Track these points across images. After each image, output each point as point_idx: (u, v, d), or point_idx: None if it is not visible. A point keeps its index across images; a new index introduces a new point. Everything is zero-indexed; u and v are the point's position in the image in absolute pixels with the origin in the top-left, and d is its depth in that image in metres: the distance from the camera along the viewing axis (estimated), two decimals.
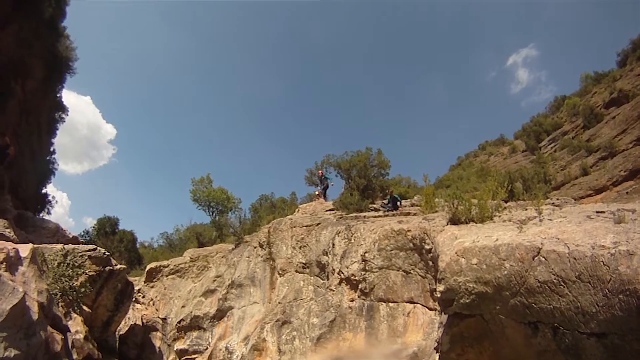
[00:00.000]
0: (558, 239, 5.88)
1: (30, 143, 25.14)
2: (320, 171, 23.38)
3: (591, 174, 27.85)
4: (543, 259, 5.69)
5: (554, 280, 5.47)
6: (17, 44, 19.20)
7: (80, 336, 12.55)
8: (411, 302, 10.52)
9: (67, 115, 31.99)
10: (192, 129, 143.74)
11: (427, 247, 10.40)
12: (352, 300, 12.18)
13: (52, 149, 31.57)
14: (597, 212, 7.33)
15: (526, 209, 9.55)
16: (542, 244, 5.88)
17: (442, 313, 7.89)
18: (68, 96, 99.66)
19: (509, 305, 5.97)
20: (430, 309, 9.95)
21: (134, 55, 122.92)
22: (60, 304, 12.45)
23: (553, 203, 12.10)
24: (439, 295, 7.08)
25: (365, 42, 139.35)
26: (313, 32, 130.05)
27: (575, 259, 5.38)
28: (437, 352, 7.82)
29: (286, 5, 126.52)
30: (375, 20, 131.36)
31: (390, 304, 10.93)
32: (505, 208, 9.89)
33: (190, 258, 22.01)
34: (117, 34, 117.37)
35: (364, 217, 15.67)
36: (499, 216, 8.99)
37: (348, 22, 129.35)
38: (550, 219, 7.41)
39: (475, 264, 6.42)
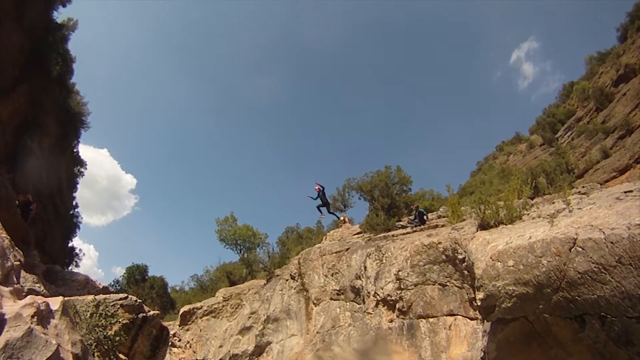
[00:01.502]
0: (592, 225, 5.70)
1: (52, 198, 25.85)
2: (317, 187, 21.17)
3: (612, 156, 27.43)
4: (580, 249, 5.51)
5: (595, 269, 5.28)
6: (29, 104, 19.95)
7: None
8: (451, 314, 10.32)
9: (86, 169, 33.08)
10: (211, 169, 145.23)
11: (460, 256, 10.24)
12: (391, 321, 12.00)
13: (74, 203, 32.42)
14: (625, 192, 7.16)
15: (553, 202, 9.33)
16: (576, 234, 5.70)
17: (485, 321, 7.70)
18: (85, 150, 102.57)
19: (552, 302, 5.78)
20: (471, 319, 9.73)
21: (145, 103, 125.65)
22: (96, 354, 12.49)
23: (579, 192, 11.89)
24: (479, 303, 6.91)
25: (364, 56, 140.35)
26: (313, 46, 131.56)
27: (612, 243, 5.19)
28: None
29: (289, 18, 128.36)
30: (371, 34, 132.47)
31: (431, 320, 10.73)
32: (532, 205, 9.69)
33: (223, 297, 22.05)
34: (125, 85, 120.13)
35: (393, 235, 15.53)
36: (528, 214, 8.79)
37: (343, 30, 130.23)
38: (580, 208, 7.22)
39: (512, 266, 6.25)
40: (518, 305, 6.23)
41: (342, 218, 24.25)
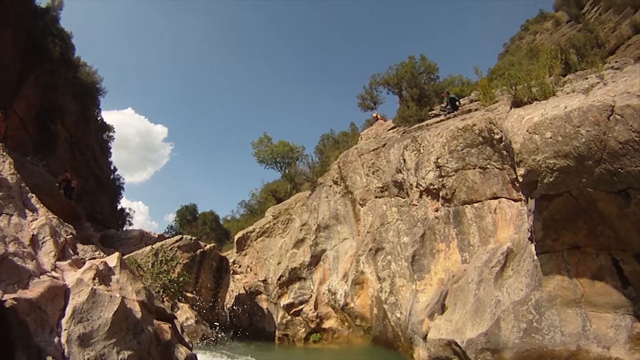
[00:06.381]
0: (628, 93, 5.32)
1: (90, 170, 27.35)
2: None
3: None
4: (619, 117, 5.17)
5: (636, 138, 4.98)
6: (41, 91, 20.61)
7: (191, 321, 13.61)
8: (495, 197, 10.21)
9: (115, 132, 34.56)
10: (237, 96, 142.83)
11: (496, 136, 9.93)
12: (436, 210, 12.04)
13: (112, 167, 34.03)
14: None
15: (587, 78, 8.90)
16: (613, 101, 5.35)
17: (528, 199, 7.62)
18: (110, 115, 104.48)
19: (595, 175, 5.55)
20: (515, 201, 9.60)
21: (153, 52, 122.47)
22: (164, 299, 13.38)
23: (612, 67, 11.22)
24: (521, 180, 6.81)
25: None
26: None
27: None
28: (531, 242, 7.54)
29: None
30: None
31: (475, 205, 10.69)
32: (564, 82, 9.30)
33: (273, 216, 22.70)
34: (129, 40, 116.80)
35: (427, 125, 15.20)
36: (561, 90, 8.40)
37: None
38: (614, 81, 6.77)
39: (550, 138, 6.04)
40: (560, 180, 6.09)
41: (374, 115, 23.88)
